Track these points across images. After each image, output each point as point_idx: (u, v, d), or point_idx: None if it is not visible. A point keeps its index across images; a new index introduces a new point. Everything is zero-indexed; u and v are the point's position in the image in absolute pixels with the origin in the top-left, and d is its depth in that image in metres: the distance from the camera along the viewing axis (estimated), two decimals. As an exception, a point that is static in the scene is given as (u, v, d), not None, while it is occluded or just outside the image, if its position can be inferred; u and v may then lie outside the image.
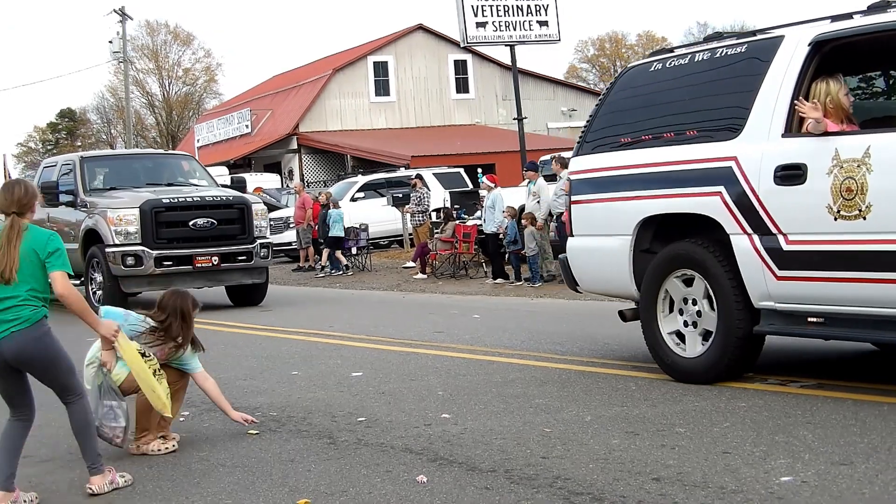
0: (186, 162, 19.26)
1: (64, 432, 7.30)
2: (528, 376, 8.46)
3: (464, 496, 5.10)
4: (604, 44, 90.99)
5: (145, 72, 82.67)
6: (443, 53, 46.34)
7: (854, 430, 5.92)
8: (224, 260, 16.20)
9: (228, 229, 16.38)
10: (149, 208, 15.80)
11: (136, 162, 19.14)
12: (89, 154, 19.11)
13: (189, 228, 16.02)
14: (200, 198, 16.43)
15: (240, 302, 17.40)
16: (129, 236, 15.65)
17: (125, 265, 15.61)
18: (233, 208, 16.58)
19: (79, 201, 16.94)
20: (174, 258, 15.88)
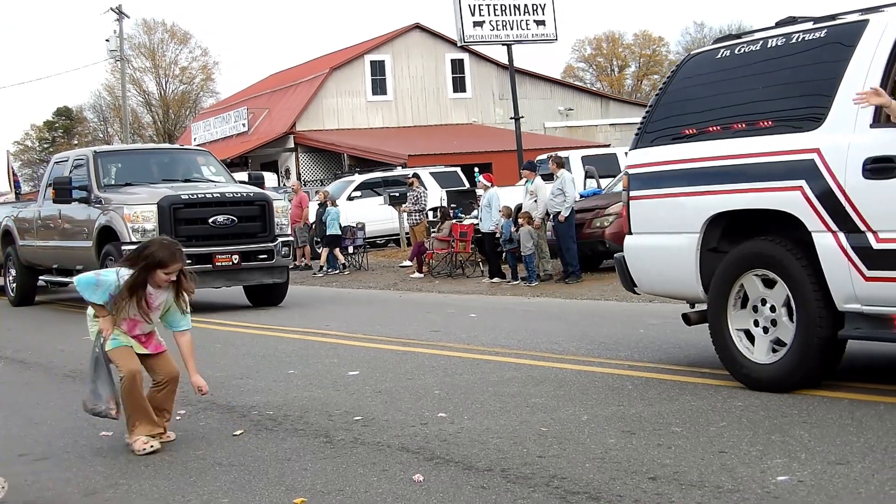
0: (203, 157, 18.59)
1: (59, 431, 7.31)
2: (525, 375, 8.46)
3: (460, 495, 5.10)
4: (601, 43, 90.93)
5: (142, 70, 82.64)
6: (440, 52, 46.32)
7: (850, 430, 5.92)
8: (244, 259, 15.71)
9: (249, 227, 15.89)
10: (167, 205, 15.31)
11: (151, 157, 18.57)
12: (103, 149, 18.32)
13: (208, 226, 15.52)
14: (220, 194, 15.92)
15: (258, 302, 16.86)
16: (146, 233, 14.96)
17: None
18: (253, 205, 16.07)
19: (92, 197, 16.37)
20: (193, 256, 14.38)
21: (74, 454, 6.57)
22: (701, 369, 8.26)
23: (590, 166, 24.44)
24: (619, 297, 15.49)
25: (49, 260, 18.47)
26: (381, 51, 46.04)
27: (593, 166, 24.42)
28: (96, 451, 6.59)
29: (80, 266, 16.15)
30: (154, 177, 17.00)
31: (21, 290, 19.81)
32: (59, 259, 17.98)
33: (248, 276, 15.96)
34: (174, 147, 20.44)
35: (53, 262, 18.29)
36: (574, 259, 18.17)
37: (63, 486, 5.78)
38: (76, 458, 6.47)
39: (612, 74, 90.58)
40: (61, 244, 17.67)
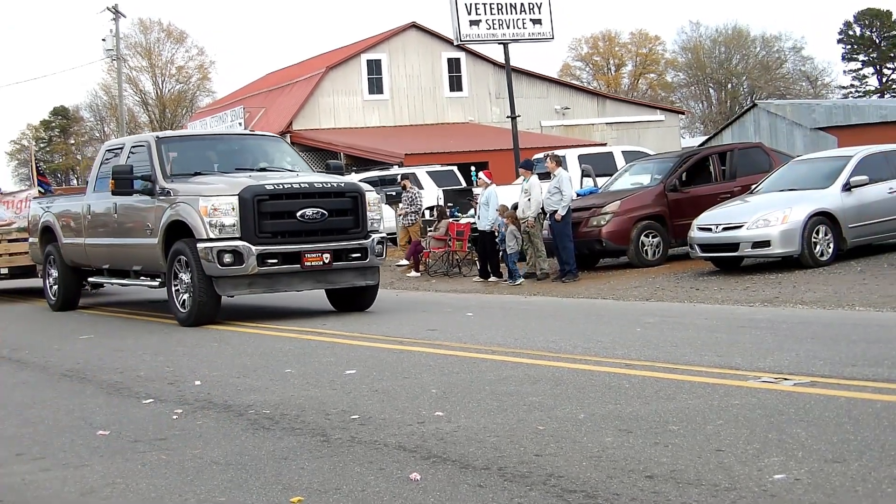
0: (275, 144, 16.76)
1: (56, 430, 7.31)
2: (522, 374, 8.46)
3: (457, 494, 5.10)
4: (597, 42, 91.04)
5: (138, 69, 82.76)
6: (436, 51, 46.32)
7: (847, 428, 5.92)
8: (336, 258, 13.90)
9: (340, 221, 14.02)
10: (250, 196, 13.41)
11: (219, 143, 16.70)
12: (166, 134, 16.18)
13: (297, 220, 13.63)
14: (308, 184, 14.02)
15: (344, 307, 15.08)
16: (224, 229, 13.33)
17: (222, 263, 13.28)
18: (345, 196, 14.15)
19: (157, 188, 14.49)
20: (279, 255, 13.54)
21: (72, 453, 6.56)
22: (698, 368, 8.26)
23: (586, 165, 24.46)
24: (615, 296, 15.50)
25: (100, 259, 16.66)
26: (377, 50, 46.03)
27: (590, 165, 24.43)
28: (93, 451, 6.59)
29: (138, 266, 15.35)
30: (225, 165, 15.32)
31: (64, 294, 17.87)
32: (112, 258, 16.21)
33: (340, 277, 14.18)
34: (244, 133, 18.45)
35: (105, 262, 16.54)
36: (571, 258, 18.18)
37: (60, 486, 5.77)
38: (73, 457, 6.46)
39: (609, 73, 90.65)
40: (117, 242, 15.81)
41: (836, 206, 16.71)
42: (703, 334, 10.41)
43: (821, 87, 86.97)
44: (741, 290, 14.69)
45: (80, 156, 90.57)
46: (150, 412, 7.78)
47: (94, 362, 10.79)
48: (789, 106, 49.00)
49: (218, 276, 13.44)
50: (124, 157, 15.70)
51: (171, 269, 14.04)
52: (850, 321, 11.02)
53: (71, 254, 17.47)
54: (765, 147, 22.88)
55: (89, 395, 8.81)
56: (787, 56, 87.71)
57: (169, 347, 11.72)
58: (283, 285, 13.76)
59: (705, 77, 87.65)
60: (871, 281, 14.37)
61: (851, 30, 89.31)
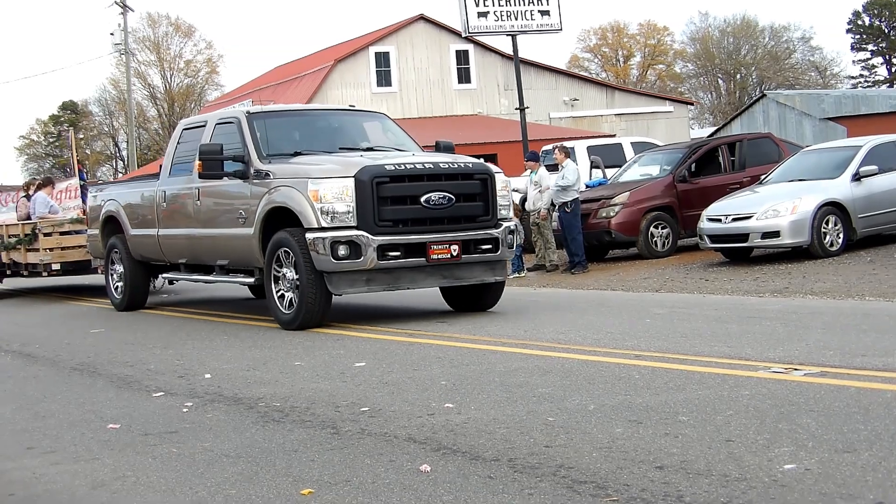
0: (380, 121, 14.84)
1: (67, 424, 7.33)
2: (531, 365, 8.45)
3: (467, 485, 5.10)
4: (606, 33, 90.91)
5: (147, 64, 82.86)
6: (444, 44, 46.31)
7: (857, 418, 5.91)
8: (464, 250, 12.06)
9: (469, 208, 12.17)
10: (368, 178, 11.54)
11: (319, 120, 14.60)
12: (258, 109, 14.21)
13: (421, 206, 11.79)
14: (433, 164, 12.08)
15: (464, 306, 13.22)
16: (337, 217, 11.51)
17: (336, 257, 11.44)
18: (473, 179, 12.24)
19: (252, 171, 12.60)
20: (402, 247, 11.73)
21: (82, 447, 6.58)
22: (707, 358, 8.26)
23: (595, 156, 24.42)
24: (625, 287, 15.49)
25: (176, 253, 14.77)
26: (385, 42, 46.03)
27: (599, 156, 24.40)
28: (104, 444, 6.60)
29: (224, 260, 13.56)
30: (325, 144, 13.40)
31: (131, 292, 16.01)
32: (193, 252, 14.34)
33: (468, 272, 12.32)
34: (345, 108, 16.18)
35: (182, 256, 14.67)
36: (580, 249, 18.19)
37: (71, 479, 5.79)
38: (84, 450, 6.48)
39: (618, 64, 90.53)
40: (199, 233, 13.89)
41: (845, 196, 16.69)
42: (712, 325, 10.40)
43: (830, 77, 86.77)
44: (751, 281, 14.67)
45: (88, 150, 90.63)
46: (161, 405, 7.80)
47: (104, 356, 10.81)
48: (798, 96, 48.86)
49: (330, 272, 11.62)
50: (207, 137, 13.83)
51: (270, 264, 12.24)
52: (859, 311, 11.00)
53: (140, 247, 15.62)
54: (774, 137, 22.84)
55: (100, 388, 8.83)
56: (795, 46, 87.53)
57: (179, 341, 11.74)
58: (406, 282, 12.02)
59: (714, 68, 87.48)
60: (880, 271, 14.35)
61: (860, 19, 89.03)
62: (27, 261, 19.68)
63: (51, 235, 19.31)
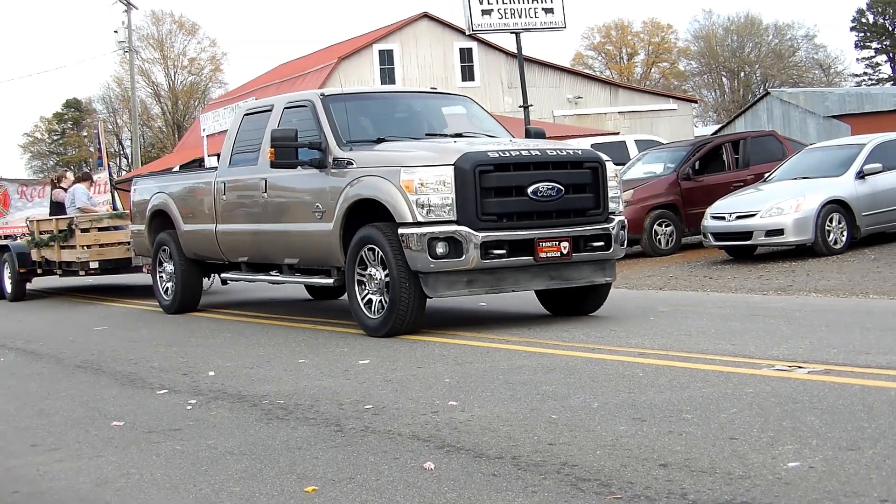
0: (465, 105, 13.48)
1: (71, 421, 7.33)
2: (535, 363, 8.45)
3: (471, 483, 5.10)
4: (610, 31, 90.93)
5: (150, 61, 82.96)
6: (448, 41, 46.28)
7: (861, 416, 5.91)
8: (574, 247, 10.79)
9: (578, 200, 10.88)
10: (470, 166, 10.24)
11: (400, 103, 13.31)
12: (333, 91, 12.67)
13: (527, 198, 10.49)
14: (540, 151, 10.74)
15: (564, 309, 11.86)
16: (434, 210, 10.23)
17: (434, 255, 10.17)
18: (583, 168, 10.91)
19: (331, 160, 11.33)
20: (508, 244, 10.42)
21: (86, 444, 6.59)
22: (711, 356, 8.25)
23: (599, 154, 24.39)
24: (628, 285, 15.49)
25: (238, 251, 13.42)
26: (389, 40, 46.00)
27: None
28: (108, 442, 6.61)
29: (293, 259, 12.31)
30: (408, 130, 12.22)
31: (182, 292, 14.63)
32: (258, 249, 12.97)
33: (577, 272, 10.99)
34: (425, 91, 14.80)
35: (244, 254, 13.30)
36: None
37: (75, 476, 5.79)
38: (88, 448, 6.49)
39: (622, 62, 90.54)
40: (266, 228, 12.59)
41: (849, 193, 16.69)
42: (716, 323, 10.40)
43: (834, 74, 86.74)
44: (755, 279, 14.67)
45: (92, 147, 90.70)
46: (165, 403, 7.80)
47: (107, 353, 10.82)
48: (802, 94, 48.84)
49: (427, 272, 10.34)
50: (274, 123, 12.55)
51: (353, 264, 10.98)
52: (863, 309, 11.00)
53: (194, 244, 14.28)
54: (778, 135, 22.84)
55: (103, 386, 8.84)
56: (799, 44, 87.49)
57: (182, 338, 11.75)
58: (510, 283, 10.68)
59: (718, 65, 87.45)
60: (885, 269, 14.34)
61: (864, 17, 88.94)
62: (61, 259, 18.43)
63: (88, 231, 18.02)
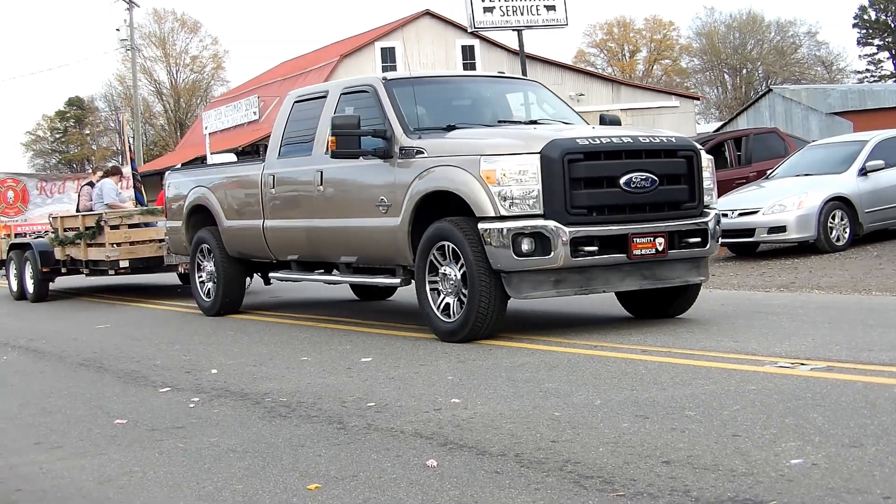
0: (534, 91, 12.42)
1: (74, 419, 7.34)
2: (538, 360, 8.45)
3: (474, 480, 5.10)
4: (612, 28, 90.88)
5: (153, 60, 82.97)
6: (450, 39, 46.32)
7: (864, 413, 5.91)
8: (669, 244, 9.84)
9: (673, 192, 9.93)
10: (558, 155, 9.30)
11: (468, 88, 12.27)
12: (396, 76, 11.66)
13: (620, 190, 9.56)
14: (632, 138, 9.84)
15: (650, 311, 10.90)
16: (518, 203, 9.28)
17: (518, 252, 9.27)
18: (677, 157, 9.98)
19: (397, 149, 10.42)
20: (600, 240, 9.48)
21: (89, 442, 6.59)
22: (714, 353, 8.25)
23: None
24: (631, 282, 15.47)
25: (288, 248, 12.50)
26: (391, 38, 46.02)
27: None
28: (111, 439, 6.61)
29: (351, 257, 11.45)
30: (481, 116, 11.38)
31: (223, 293, 13.61)
32: (313, 246, 12.00)
33: (671, 271, 10.04)
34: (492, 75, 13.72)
35: (295, 252, 12.43)
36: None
37: (77, 474, 5.79)
38: (90, 446, 6.49)
39: (624, 59, 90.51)
40: (321, 224, 11.64)
41: (851, 190, 16.69)
42: (719, 320, 10.39)
43: (836, 71, 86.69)
44: (757, 276, 14.67)
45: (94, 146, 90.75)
46: (167, 401, 7.81)
47: (110, 351, 10.83)
48: (804, 91, 48.77)
49: (510, 271, 9.44)
50: (329, 110, 11.59)
51: (423, 262, 10.09)
52: (866, 306, 11.00)
53: (238, 241, 13.31)
54: (780, 132, 22.85)
55: (106, 384, 8.84)
56: (801, 41, 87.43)
57: (185, 336, 11.75)
58: (601, 284, 9.76)
59: (720, 62, 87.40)
60: (887, 265, 14.34)
61: (866, 14, 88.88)
62: (88, 257, 17.43)
63: (118, 228, 16.97)
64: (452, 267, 9.82)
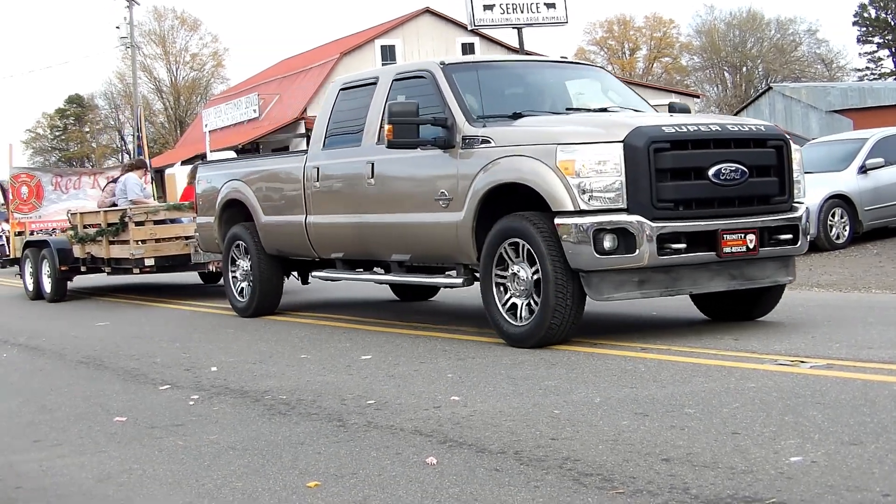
0: (598, 78, 11.70)
1: (73, 417, 7.34)
2: (537, 358, 8.45)
3: (473, 478, 5.10)
4: (612, 26, 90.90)
5: (153, 57, 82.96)
6: (450, 36, 46.31)
7: (863, 410, 5.91)
8: (760, 241, 9.09)
9: (763, 185, 9.20)
10: (643, 144, 8.56)
11: (530, 73, 11.29)
12: (455, 60, 10.88)
13: (709, 182, 8.81)
14: (720, 126, 9.12)
15: (728, 314, 10.16)
16: (597, 196, 8.52)
17: (600, 250, 8.49)
18: (766, 147, 9.26)
19: (460, 138, 9.66)
20: (688, 237, 8.76)
21: (88, 440, 6.59)
22: (714, 351, 8.25)
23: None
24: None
25: (334, 245, 11.73)
26: (391, 35, 46.04)
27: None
28: (110, 437, 6.61)
29: (404, 255, 10.77)
30: (547, 103, 10.59)
31: (261, 293, 12.88)
32: (363, 244, 11.22)
33: (760, 270, 9.30)
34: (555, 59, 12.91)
35: (341, 250, 11.69)
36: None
37: (77, 472, 5.79)
38: (90, 443, 6.49)
39: (624, 57, 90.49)
40: (375, 220, 10.84)
41: (851, 188, 16.70)
42: (718, 317, 10.38)
43: (836, 69, 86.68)
44: (757, 274, 14.65)
45: (94, 143, 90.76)
46: (167, 398, 7.81)
47: (110, 349, 10.83)
48: (804, 89, 48.79)
49: (590, 270, 8.66)
50: (381, 97, 10.90)
51: (490, 260, 9.33)
52: (866, 304, 11.00)
53: (277, 238, 12.56)
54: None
55: (106, 381, 8.84)
56: (801, 39, 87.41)
57: (185, 334, 11.75)
58: (688, 284, 9.04)
59: (720, 60, 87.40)
60: (887, 263, 14.34)
61: (866, 12, 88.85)
62: (111, 255, 16.66)
63: (143, 225, 16.17)
64: (524, 266, 9.03)
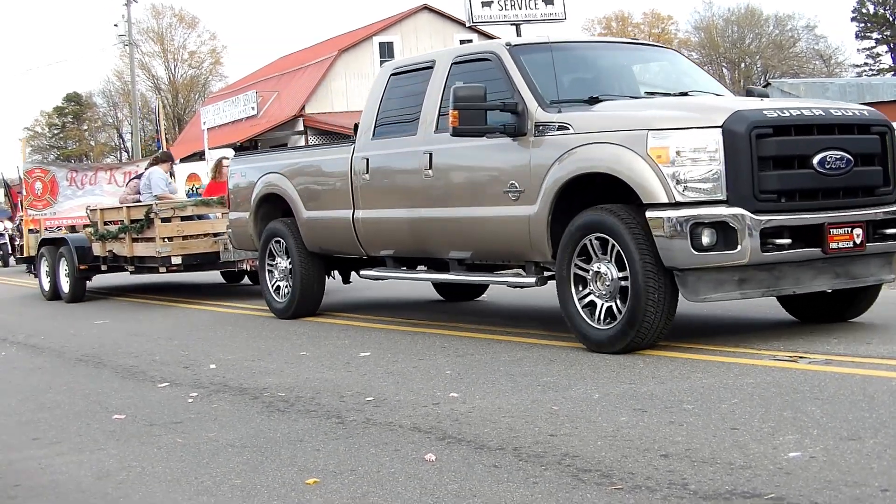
0: (671, 60, 10.75)
1: (72, 415, 7.34)
2: (536, 355, 8.45)
3: (472, 474, 5.10)
4: (610, 22, 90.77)
5: (151, 55, 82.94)
6: (448, 33, 46.24)
7: (862, 406, 5.91)
8: (866, 235, 8.23)
9: (867, 174, 8.34)
10: (745, 129, 7.72)
11: (603, 55, 10.50)
12: (522, 41, 10.22)
13: (813, 171, 7.97)
14: (823, 111, 8.21)
15: (817, 314, 9.32)
16: (693, 186, 7.72)
17: (698, 245, 7.67)
18: (870, 133, 8.42)
19: (531, 125, 8.81)
20: (793, 231, 7.93)
21: (87, 437, 6.59)
22: (712, 347, 8.25)
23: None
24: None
25: (385, 242, 10.89)
26: (389, 32, 45.99)
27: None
28: (109, 435, 6.61)
29: (465, 252, 9.97)
30: (623, 87, 9.81)
31: (301, 293, 12.02)
32: (418, 240, 10.39)
33: (864, 268, 8.41)
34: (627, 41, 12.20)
35: (392, 247, 10.84)
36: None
37: (76, 469, 5.79)
38: (89, 441, 6.49)
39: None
40: (433, 214, 10.04)
41: (850, 184, 16.65)
42: (717, 314, 10.39)
43: (834, 65, 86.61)
44: (756, 270, 14.65)
45: (93, 141, 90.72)
46: (166, 396, 7.81)
47: (109, 347, 10.83)
48: (803, 85, 48.69)
49: (686, 268, 7.82)
50: (439, 83, 10.07)
51: (569, 257, 8.50)
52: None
53: (320, 235, 11.70)
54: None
55: (105, 379, 8.84)
56: (800, 35, 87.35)
57: (184, 331, 11.75)
58: (790, 283, 8.15)
59: (719, 56, 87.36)
60: (886, 259, 14.32)
61: (865, 8, 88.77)
62: (134, 253, 15.84)
63: (169, 221, 15.24)
64: (609, 264, 8.22)
